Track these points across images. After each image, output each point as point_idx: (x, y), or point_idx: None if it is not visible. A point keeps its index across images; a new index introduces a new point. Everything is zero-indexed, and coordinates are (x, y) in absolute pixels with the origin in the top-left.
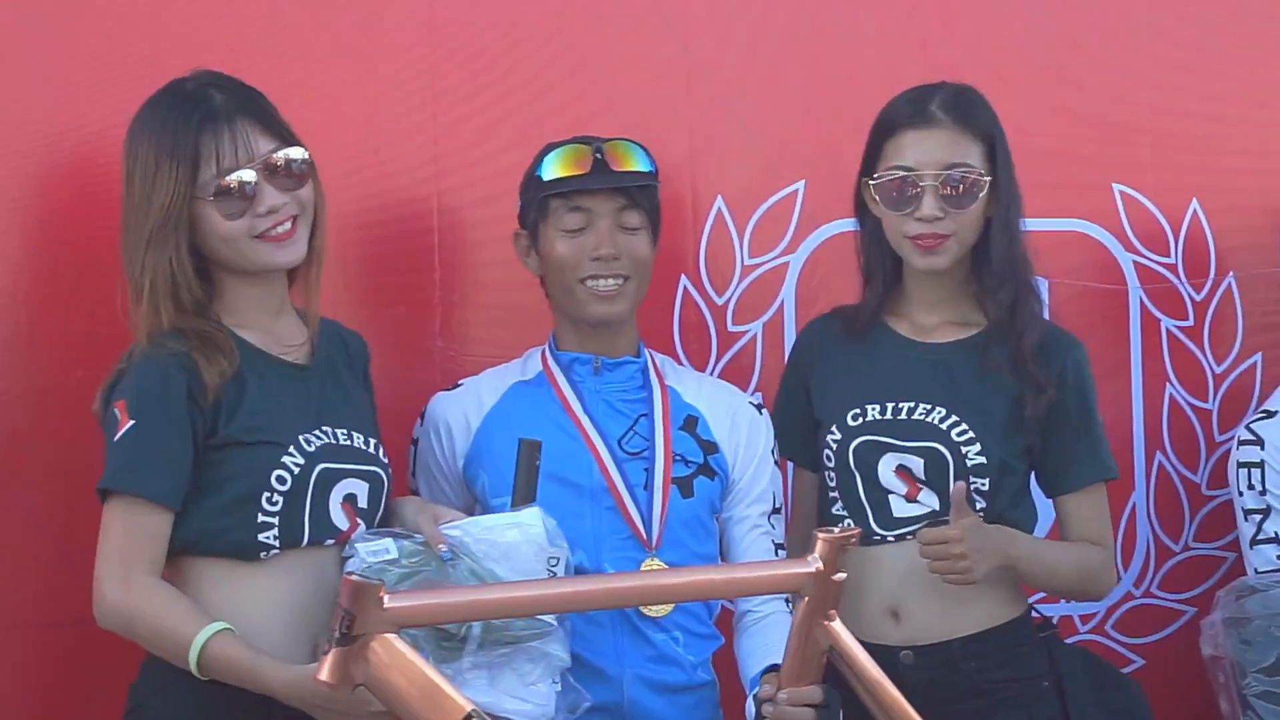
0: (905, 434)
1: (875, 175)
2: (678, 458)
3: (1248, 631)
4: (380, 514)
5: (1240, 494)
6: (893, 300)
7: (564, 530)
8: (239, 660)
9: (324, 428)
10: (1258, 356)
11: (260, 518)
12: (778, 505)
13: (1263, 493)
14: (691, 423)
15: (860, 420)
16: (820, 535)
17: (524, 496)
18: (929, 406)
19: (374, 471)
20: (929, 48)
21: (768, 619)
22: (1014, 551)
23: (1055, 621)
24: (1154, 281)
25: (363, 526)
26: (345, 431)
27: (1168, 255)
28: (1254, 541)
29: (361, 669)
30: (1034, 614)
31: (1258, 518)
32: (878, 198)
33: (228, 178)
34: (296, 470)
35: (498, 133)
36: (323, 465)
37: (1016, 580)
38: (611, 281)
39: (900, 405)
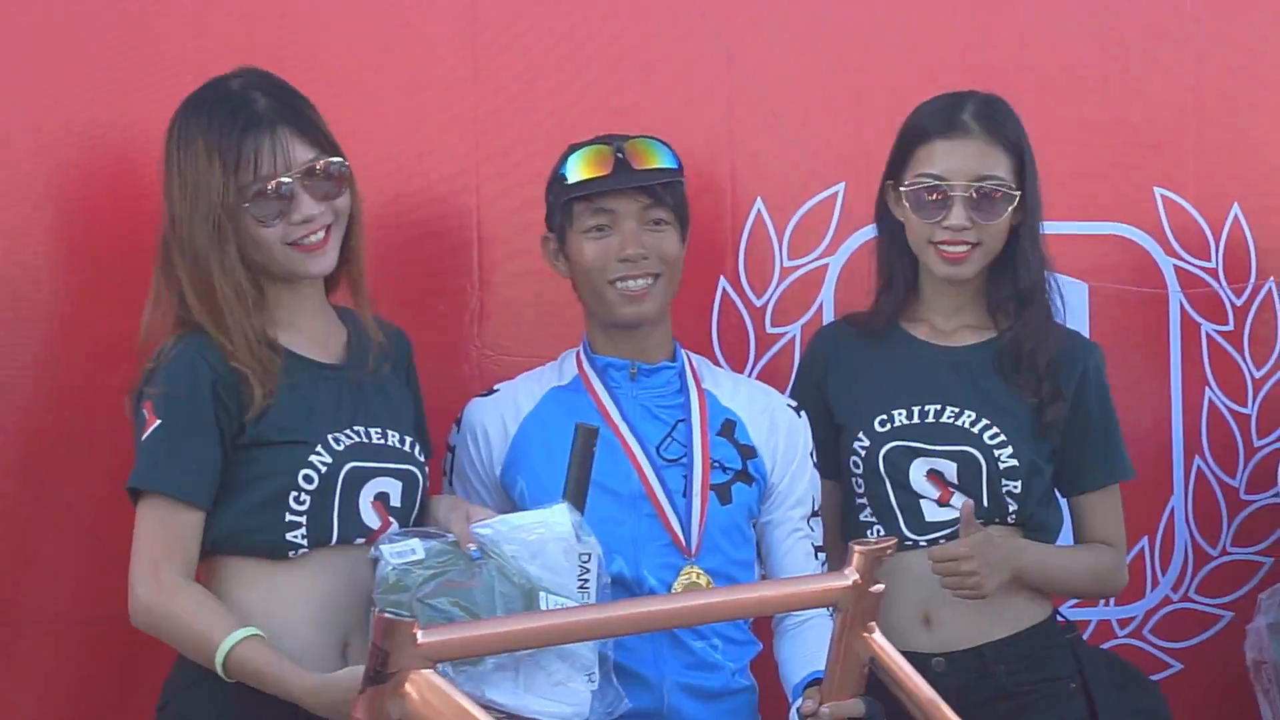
0: (936, 438)
1: (905, 182)
2: (715, 464)
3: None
4: (415, 513)
5: None
6: (909, 305)
7: (603, 537)
8: (264, 667)
9: (356, 427)
10: None
11: (288, 517)
12: (817, 508)
13: None
14: (729, 427)
15: (889, 426)
16: (856, 547)
17: (578, 484)
18: (957, 409)
19: (408, 470)
20: (971, 51)
21: (808, 624)
22: (1022, 561)
23: (1090, 629)
24: (1194, 286)
25: (395, 526)
26: (380, 430)
27: (1208, 259)
28: None
29: (397, 706)
30: (1059, 617)
31: None
32: (906, 204)
33: (265, 185)
34: (324, 469)
35: (538, 134)
36: (352, 464)
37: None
38: (640, 281)
39: (927, 408)
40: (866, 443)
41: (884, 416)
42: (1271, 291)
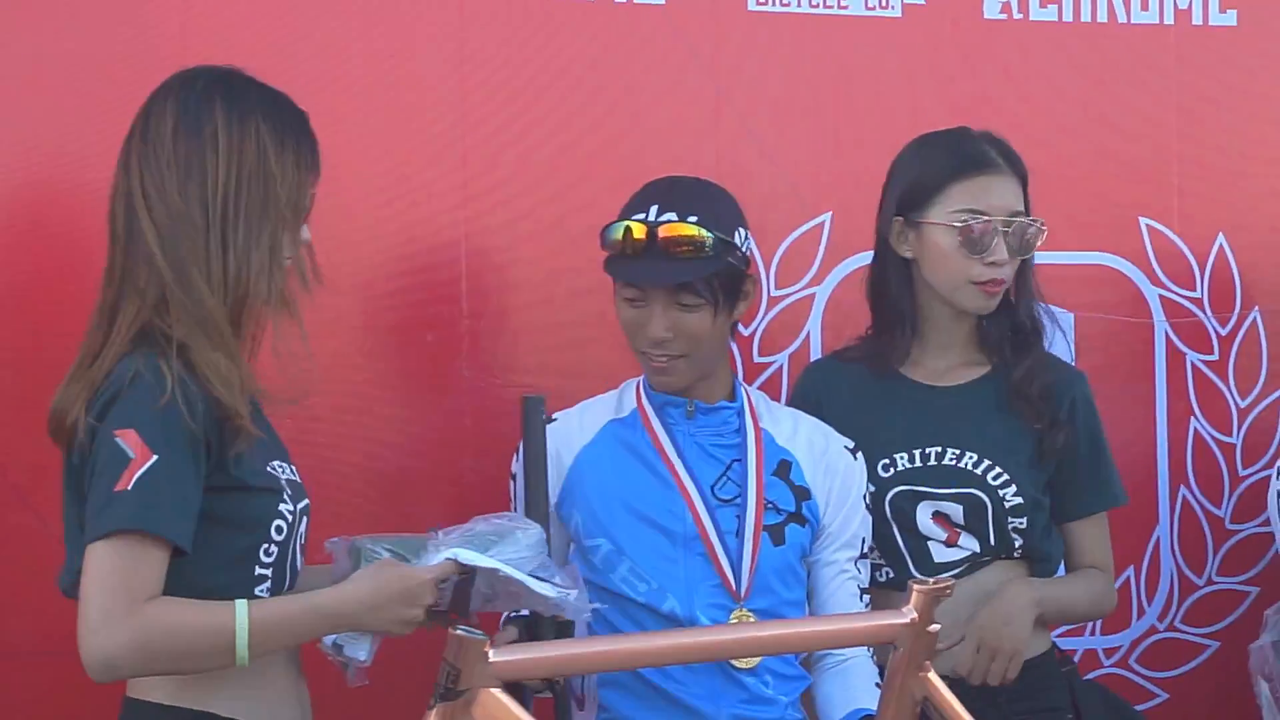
0: (939, 480)
1: (934, 218)
2: (769, 505)
3: None
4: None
5: None
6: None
7: (657, 575)
8: (287, 607)
9: (281, 461)
10: None
11: (258, 571)
12: (866, 550)
13: None
14: (785, 468)
15: (892, 470)
16: (915, 587)
17: (536, 457)
18: (958, 451)
19: (308, 505)
20: (956, 83)
21: (849, 663)
22: (1033, 597)
23: (1076, 658)
24: (1179, 315)
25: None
26: (289, 465)
27: (1193, 289)
28: None
29: None
30: (1056, 649)
31: None
32: (941, 240)
33: (313, 192)
34: (290, 518)
35: (526, 163)
36: (299, 505)
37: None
38: (664, 359)
39: (928, 451)
40: (872, 488)
41: (886, 461)
42: (1256, 321)
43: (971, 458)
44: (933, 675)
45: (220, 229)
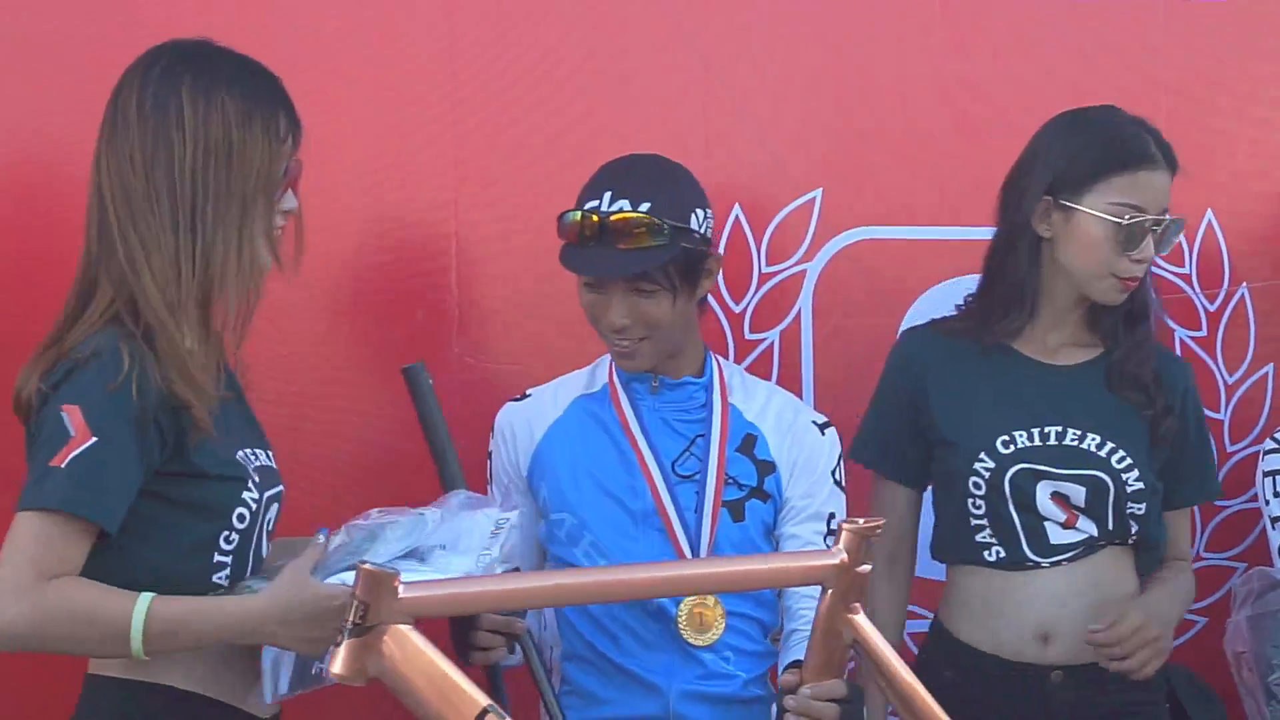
0: (1062, 461)
1: (1092, 206)
2: (730, 481)
3: (1273, 626)
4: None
5: (1267, 502)
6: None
7: (616, 550)
8: (192, 611)
9: (252, 448)
10: (1269, 367)
11: (217, 558)
12: (834, 527)
13: None
14: (750, 442)
15: (1012, 447)
16: (845, 526)
17: (433, 426)
18: (1080, 432)
19: (281, 491)
20: (946, 60)
21: None
22: (1167, 600)
23: None
24: (1168, 292)
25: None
26: (264, 451)
27: (1181, 265)
28: None
29: (375, 661)
30: None
31: None
32: (1093, 229)
33: (292, 160)
34: (254, 506)
35: (515, 145)
36: (267, 493)
37: None
38: (627, 343)
39: (1048, 430)
40: (991, 464)
41: (1005, 437)
42: (1244, 297)
43: (1094, 439)
44: (861, 618)
45: (189, 209)
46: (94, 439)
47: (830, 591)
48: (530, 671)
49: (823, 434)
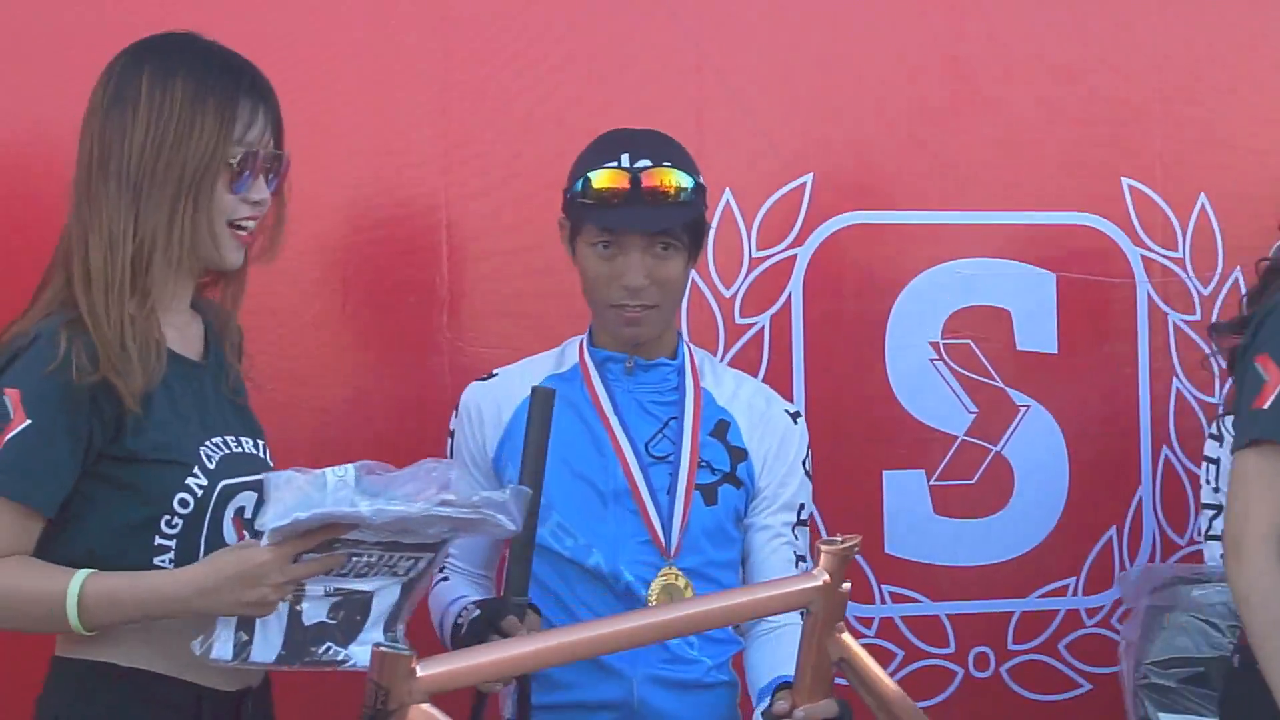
0: None
1: None
2: (704, 464)
3: (1150, 621)
4: None
5: (1202, 486)
6: None
7: (585, 531)
8: (122, 586)
9: (223, 436)
10: None
11: (157, 541)
12: (804, 517)
13: (1217, 489)
14: (723, 428)
15: None
16: (824, 548)
17: (536, 452)
18: None
19: (249, 480)
20: (940, 43)
21: (781, 630)
22: None
23: (1059, 618)
24: (1161, 275)
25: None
26: (236, 439)
27: (1175, 249)
28: (1207, 536)
29: None
30: None
31: (1210, 513)
32: None
33: (253, 149)
34: (200, 492)
35: (507, 126)
36: (223, 482)
37: None
38: (639, 309)
39: None
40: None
41: None
42: (1238, 281)
43: None
44: (846, 636)
45: (133, 186)
46: (28, 422)
47: (815, 614)
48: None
49: (794, 423)
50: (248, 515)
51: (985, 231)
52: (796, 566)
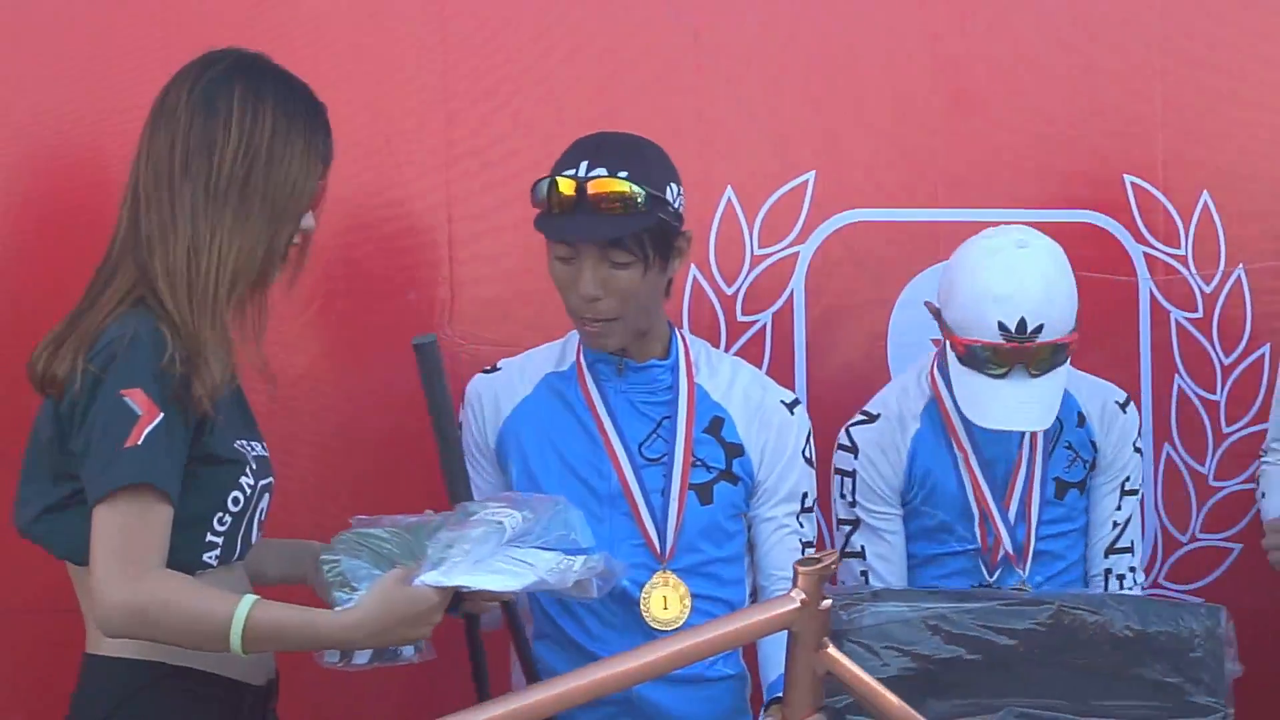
0: None
1: None
2: (698, 463)
3: None
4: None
5: (834, 500)
6: None
7: None
8: (289, 619)
9: (251, 440)
10: (1266, 348)
11: (209, 537)
12: (808, 505)
13: (853, 504)
14: (717, 424)
15: None
16: (799, 568)
17: (441, 405)
18: None
19: (271, 483)
20: (940, 40)
21: None
22: None
23: None
24: (1164, 273)
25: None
26: (259, 443)
27: (1178, 247)
28: (843, 553)
29: None
30: None
31: (846, 529)
32: None
33: (324, 179)
34: (249, 491)
35: (508, 122)
36: (261, 482)
37: None
38: (598, 323)
39: None
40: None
41: None
42: (1241, 279)
43: None
44: (832, 649)
45: (220, 204)
46: (161, 415)
47: (796, 634)
48: (512, 633)
49: (791, 413)
50: (263, 519)
51: None
52: (802, 554)
